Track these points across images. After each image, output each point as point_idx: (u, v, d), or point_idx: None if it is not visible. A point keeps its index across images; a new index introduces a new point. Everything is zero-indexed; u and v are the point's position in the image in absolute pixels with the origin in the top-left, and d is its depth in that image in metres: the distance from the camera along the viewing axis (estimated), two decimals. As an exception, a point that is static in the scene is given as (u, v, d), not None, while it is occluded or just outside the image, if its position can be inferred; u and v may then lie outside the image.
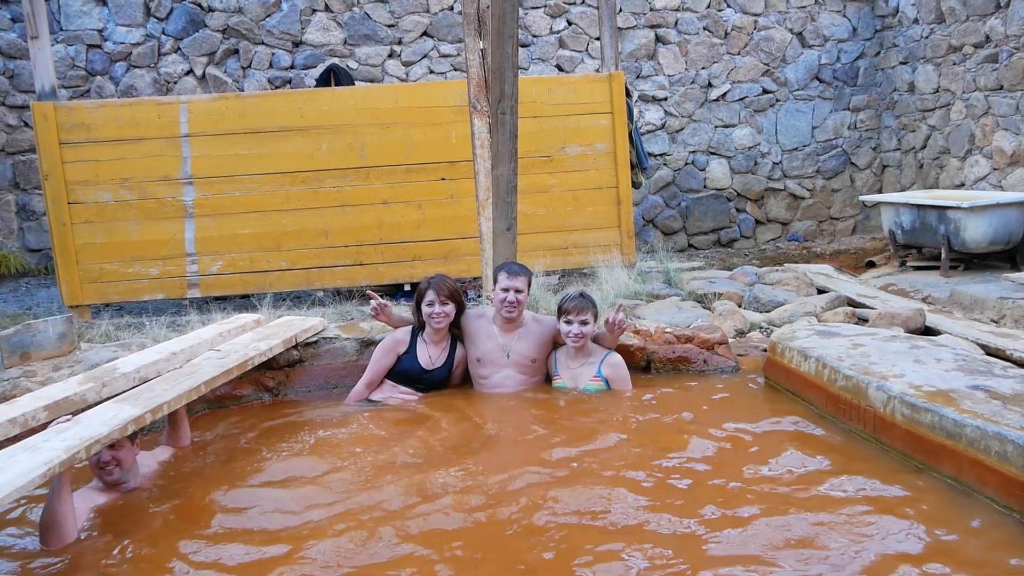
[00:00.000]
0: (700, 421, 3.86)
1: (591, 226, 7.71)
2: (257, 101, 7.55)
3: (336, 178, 7.40)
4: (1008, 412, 2.90)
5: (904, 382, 3.35)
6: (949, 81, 9.47)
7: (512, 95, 5.17)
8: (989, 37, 8.75)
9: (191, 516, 3.05)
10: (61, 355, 4.89)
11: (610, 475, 3.24)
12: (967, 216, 7.07)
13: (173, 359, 4.18)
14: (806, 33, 10.77)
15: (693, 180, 10.83)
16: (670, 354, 4.70)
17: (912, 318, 5.29)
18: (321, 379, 4.78)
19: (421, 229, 7.53)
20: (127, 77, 9.78)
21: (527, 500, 3.03)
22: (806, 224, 11.08)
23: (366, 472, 3.41)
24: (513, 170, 5.25)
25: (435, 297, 4.37)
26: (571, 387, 4.36)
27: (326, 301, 7.48)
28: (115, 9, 9.71)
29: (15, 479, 2.55)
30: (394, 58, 10.18)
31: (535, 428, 3.87)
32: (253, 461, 3.60)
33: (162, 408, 3.36)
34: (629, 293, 6.47)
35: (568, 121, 7.61)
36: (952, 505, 2.82)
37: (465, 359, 4.58)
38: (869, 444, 3.39)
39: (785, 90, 10.81)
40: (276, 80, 9.97)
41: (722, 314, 5.72)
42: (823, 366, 3.81)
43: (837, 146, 11.01)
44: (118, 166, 7.12)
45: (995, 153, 8.79)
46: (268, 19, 9.93)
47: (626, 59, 10.40)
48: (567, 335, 4.32)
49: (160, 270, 7.24)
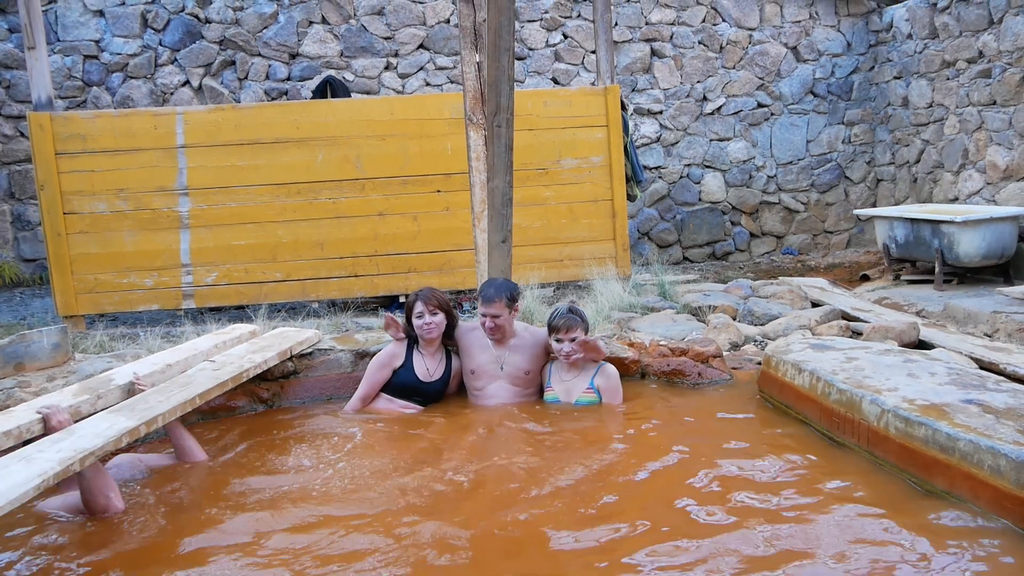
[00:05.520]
0: (693, 434, 3.86)
1: (586, 238, 7.73)
2: (253, 112, 7.56)
3: (332, 190, 7.42)
4: (1001, 426, 2.91)
5: (898, 396, 3.36)
6: (943, 96, 9.53)
7: (508, 108, 5.19)
8: (982, 53, 8.81)
9: (178, 531, 3.02)
10: (55, 366, 4.88)
11: (600, 488, 3.24)
12: (961, 230, 7.11)
13: (168, 370, 4.17)
14: (800, 48, 10.83)
15: (688, 193, 10.86)
16: (665, 367, 4.70)
17: (906, 332, 5.31)
18: (316, 391, 4.77)
19: (416, 241, 7.54)
20: (124, 88, 9.80)
21: (518, 513, 3.03)
22: (801, 237, 11.12)
23: (359, 483, 3.40)
24: (508, 182, 5.26)
25: (424, 308, 4.38)
26: (564, 400, 4.34)
27: (321, 312, 7.48)
28: (112, 20, 9.74)
29: (9, 491, 2.54)
30: (390, 70, 10.22)
31: (525, 441, 3.86)
32: (245, 473, 3.59)
33: (157, 420, 3.36)
34: (624, 306, 6.48)
35: (564, 134, 7.64)
36: (951, 522, 2.82)
37: (461, 370, 4.58)
38: (862, 458, 3.39)
39: (780, 104, 10.87)
40: (272, 92, 9.99)
41: (717, 327, 5.73)
42: (817, 379, 3.82)
43: (831, 160, 11.06)
44: (114, 177, 7.13)
45: (988, 167, 8.84)
46: (265, 31, 9.96)
47: (622, 72, 10.45)
48: (558, 353, 4.31)
49: (155, 281, 7.23)
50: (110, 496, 3.10)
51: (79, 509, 3.14)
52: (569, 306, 4.42)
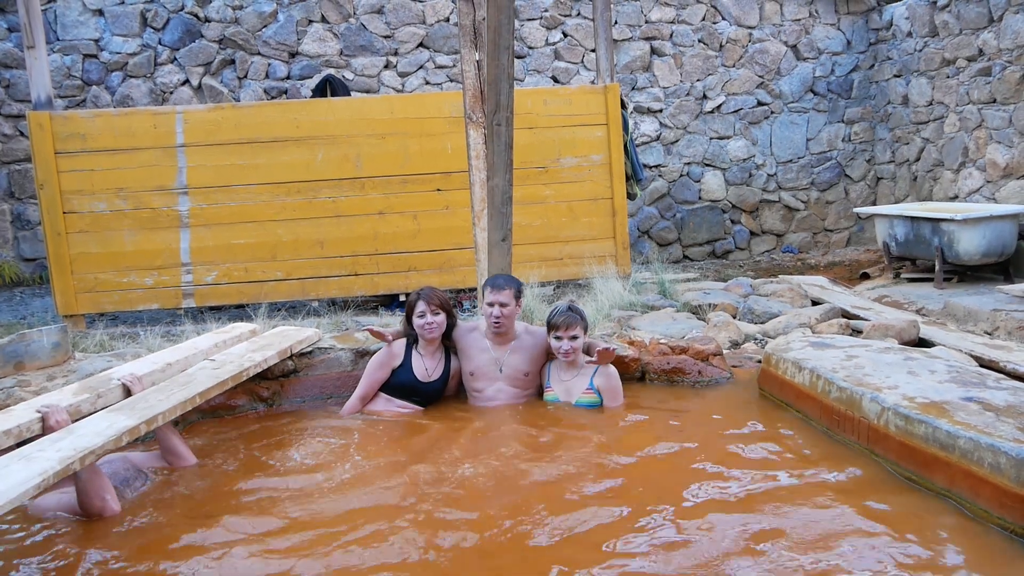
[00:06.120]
0: (693, 433, 3.86)
1: (586, 237, 7.73)
2: (253, 112, 7.56)
3: (332, 188, 7.41)
4: (1001, 424, 2.91)
5: (898, 394, 3.36)
6: (943, 94, 9.52)
7: (508, 106, 5.19)
8: (982, 51, 8.80)
9: (176, 531, 3.02)
10: (55, 365, 4.88)
11: (600, 486, 3.24)
12: (961, 228, 7.10)
13: (168, 369, 4.17)
14: (800, 46, 10.83)
15: (688, 192, 10.86)
16: (665, 365, 4.70)
17: (906, 330, 5.31)
18: (316, 389, 4.77)
19: (416, 240, 7.54)
20: (123, 87, 9.79)
21: (517, 512, 3.03)
22: (801, 236, 11.12)
23: (358, 483, 3.40)
24: (508, 181, 5.26)
25: (426, 307, 4.37)
26: (563, 399, 4.34)
27: (321, 311, 7.48)
28: (112, 19, 9.73)
29: (9, 490, 2.54)
30: (390, 69, 10.21)
31: (524, 442, 3.85)
32: (244, 472, 3.59)
33: (157, 419, 3.35)
34: (624, 304, 6.48)
35: (563, 132, 7.64)
36: (953, 521, 2.82)
37: (460, 371, 4.58)
38: (862, 455, 3.39)
39: (780, 102, 10.87)
40: (272, 91, 9.99)
41: (717, 325, 5.73)
42: (817, 377, 3.82)
43: (831, 158, 11.06)
44: (113, 176, 7.12)
45: (988, 165, 8.83)
46: (264, 30, 9.95)
47: (621, 71, 10.45)
48: (557, 351, 4.31)
49: (155, 280, 7.23)
50: (106, 498, 3.10)
51: (74, 510, 3.13)
52: (569, 304, 4.41)
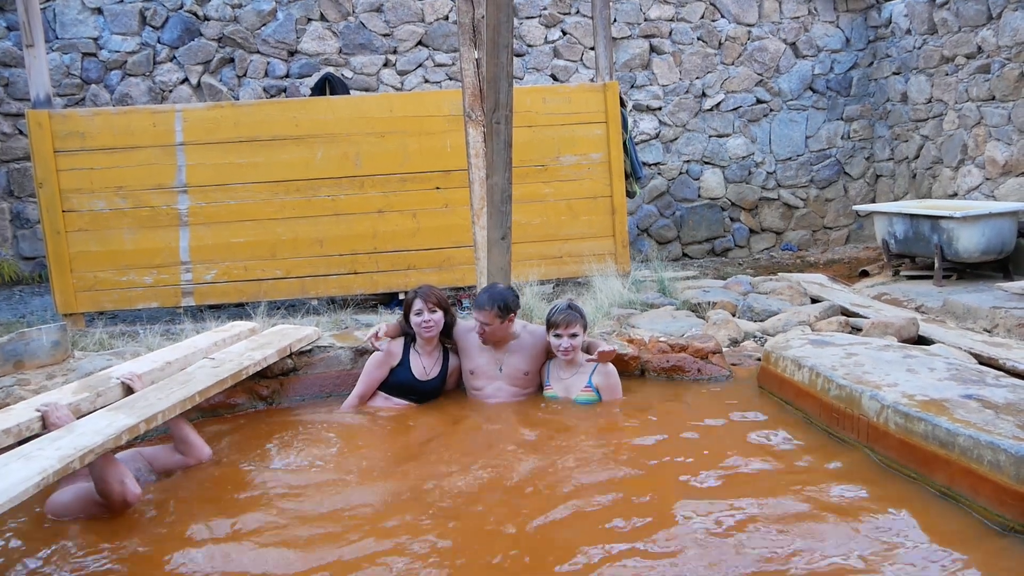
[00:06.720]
0: (693, 431, 3.86)
1: (586, 235, 7.72)
2: (252, 110, 7.55)
3: (331, 187, 7.41)
4: (1001, 421, 2.91)
5: (897, 391, 3.36)
6: (942, 91, 9.52)
7: (507, 104, 5.19)
8: (981, 48, 8.80)
9: (175, 530, 3.02)
10: (55, 363, 4.88)
11: (599, 485, 3.24)
12: (960, 226, 7.11)
13: (168, 368, 4.17)
14: (799, 43, 10.82)
15: (687, 190, 10.86)
16: (664, 363, 4.71)
17: (905, 327, 5.31)
18: (315, 388, 4.77)
19: (416, 238, 7.53)
20: (122, 85, 9.78)
21: (515, 510, 3.03)
22: (800, 233, 11.12)
23: (357, 481, 3.41)
24: (508, 179, 5.26)
25: (423, 305, 4.37)
26: (563, 397, 4.34)
27: (321, 310, 7.48)
28: (111, 17, 9.72)
29: (9, 488, 2.54)
30: (389, 67, 10.21)
31: (523, 440, 3.85)
32: (244, 470, 3.59)
33: (156, 417, 3.35)
34: (623, 302, 6.48)
35: (563, 131, 7.63)
36: (952, 519, 2.82)
37: (459, 369, 4.58)
38: (862, 453, 3.39)
39: (779, 100, 10.87)
40: (271, 89, 9.98)
41: (716, 323, 5.73)
42: (816, 375, 3.82)
43: (830, 156, 11.06)
44: (113, 174, 7.12)
45: (987, 163, 8.83)
46: (264, 28, 9.95)
47: (620, 69, 10.44)
48: (557, 349, 4.31)
49: (154, 278, 7.23)
50: (125, 482, 3.09)
51: (94, 501, 3.13)
52: (568, 302, 4.41)
